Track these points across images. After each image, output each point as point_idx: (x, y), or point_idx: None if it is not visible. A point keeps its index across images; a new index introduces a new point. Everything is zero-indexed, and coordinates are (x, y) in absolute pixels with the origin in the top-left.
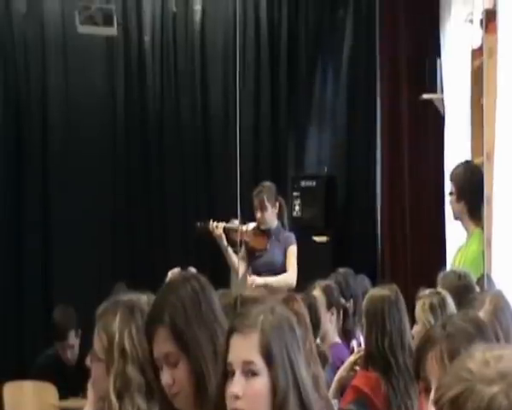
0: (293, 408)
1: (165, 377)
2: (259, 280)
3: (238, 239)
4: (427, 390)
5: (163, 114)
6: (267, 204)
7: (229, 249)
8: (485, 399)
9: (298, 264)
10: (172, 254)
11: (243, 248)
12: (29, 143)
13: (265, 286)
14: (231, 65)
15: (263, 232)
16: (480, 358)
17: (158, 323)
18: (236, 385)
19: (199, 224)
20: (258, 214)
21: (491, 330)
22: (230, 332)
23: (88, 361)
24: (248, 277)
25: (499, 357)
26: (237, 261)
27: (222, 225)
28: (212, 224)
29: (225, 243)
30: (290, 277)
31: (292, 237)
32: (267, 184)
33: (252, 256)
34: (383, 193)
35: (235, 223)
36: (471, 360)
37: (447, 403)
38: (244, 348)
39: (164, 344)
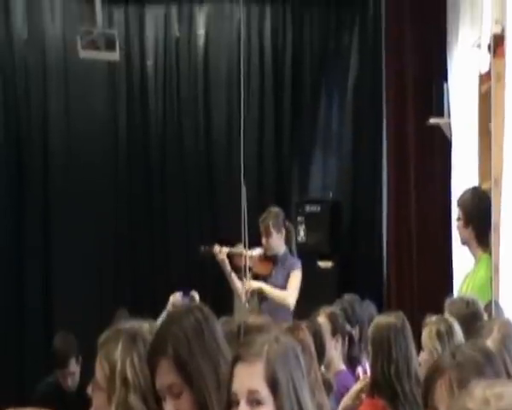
0: None
1: (169, 408)
2: (255, 284)
3: (243, 264)
4: None
5: (165, 140)
6: (272, 230)
7: (233, 275)
8: None
9: (302, 290)
10: (175, 280)
11: (250, 274)
12: (30, 169)
13: (260, 291)
14: (235, 90)
15: (269, 258)
16: (480, 396)
17: (161, 354)
18: None
19: (203, 247)
20: (264, 240)
21: (500, 359)
22: (235, 361)
23: (89, 390)
24: (245, 281)
25: (500, 395)
26: (241, 286)
27: (226, 249)
28: (217, 248)
29: (229, 267)
30: (288, 296)
31: (298, 263)
32: (274, 209)
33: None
34: (389, 218)
35: (241, 247)
36: (470, 399)
37: None
38: (249, 377)
39: (167, 376)
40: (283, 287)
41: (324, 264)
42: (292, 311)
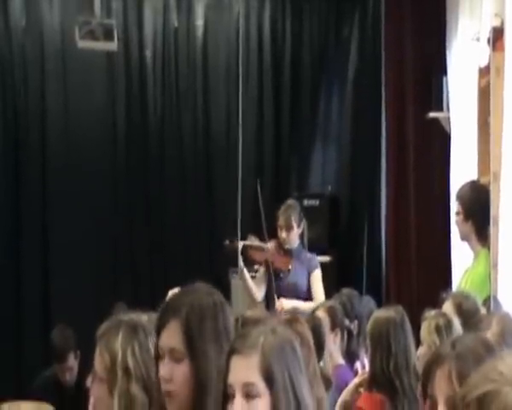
0: None
1: (165, 369)
2: (287, 304)
3: (263, 259)
4: (434, 408)
5: (164, 130)
6: (294, 224)
7: (245, 271)
8: (510, 402)
9: None
10: (172, 275)
11: (262, 269)
12: (27, 157)
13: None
14: (234, 80)
15: (286, 252)
16: (511, 362)
17: (173, 315)
18: (237, 408)
19: (227, 242)
20: (284, 234)
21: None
22: (231, 353)
23: (88, 382)
24: (276, 300)
25: None
26: (253, 286)
27: (244, 242)
28: (239, 243)
29: (241, 263)
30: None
31: (315, 258)
32: (292, 202)
33: (276, 277)
34: (388, 212)
35: (253, 240)
36: (502, 362)
37: (473, 402)
38: (244, 370)
39: (173, 338)
40: (305, 285)
41: (323, 258)
42: None
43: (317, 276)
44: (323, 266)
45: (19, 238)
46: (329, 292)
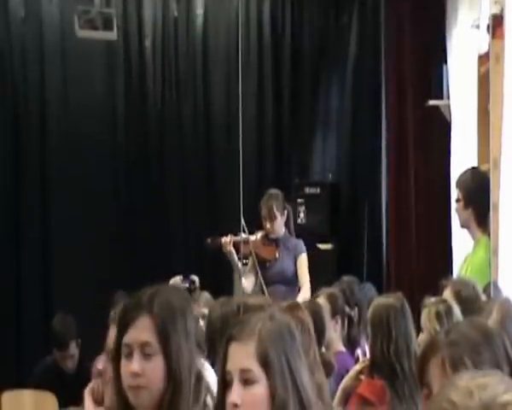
0: None
1: (135, 364)
2: None
3: (249, 251)
4: (430, 396)
5: (164, 119)
6: (276, 213)
7: (240, 265)
8: None
9: None
10: (173, 263)
11: (251, 260)
12: (27, 146)
13: None
14: (234, 70)
15: (272, 241)
16: (463, 388)
17: (145, 310)
18: (235, 394)
19: (209, 240)
20: (268, 224)
21: (499, 340)
22: (229, 340)
23: (98, 364)
24: (265, 289)
25: (484, 386)
26: (244, 282)
27: (231, 239)
28: (223, 239)
29: (236, 258)
30: (307, 292)
31: (301, 243)
32: (274, 191)
33: (262, 267)
34: (388, 200)
35: (243, 235)
36: (454, 390)
37: None
38: (242, 357)
39: (145, 332)
40: (292, 270)
41: (324, 246)
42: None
43: (302, 260)
44: (324, 253)
45: (19, 227)
46: (330, 280)
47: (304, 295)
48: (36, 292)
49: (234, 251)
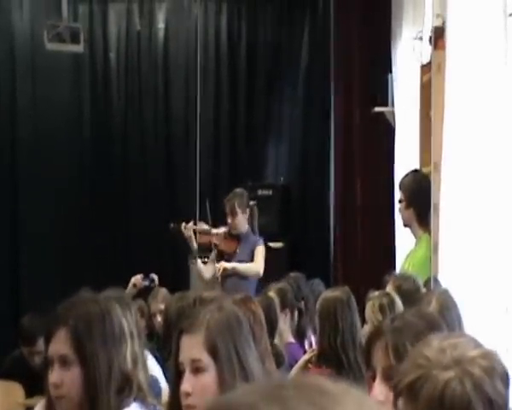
0: None
1: (55, 376)
2: (228, 265)
3: (208, 241)
4: (374, 378)
5: (127, 127)
6: (238, 210)
7: (195, 247)
8: (440, 384)
9: None
10: (135, 260)
11: (214, 251)
12: None
13: (234, 270)
14: (192, 80)
15: (233, 237)
16: (436, 346)
17: (61, 323)
18: (186, 383)
19: (172, 225)
20: (229, 219)
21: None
22: (180, 333)
23: None
24: (216, 264)
25: (455, 345)
26: (203, 266)
27: (192, 226)
28: (184, 225)
29: (195, 244)
30: (257, 265)
31: (260, 240)
32: (238, 190)
33: (221, 259)
34: (336, 202)
35: (205, 226)
36: (428, 347)
37: (404, 389)
38: (191, 347)
39: (62, 345)
40: (248, 262)
41: (275, 245)
42: (255, 287)
43: (258, 249)
44: (276, 252)
45: None
46: (280, 276)
47: (252, 265)
48: (4, 293)
49: (193, 236)
